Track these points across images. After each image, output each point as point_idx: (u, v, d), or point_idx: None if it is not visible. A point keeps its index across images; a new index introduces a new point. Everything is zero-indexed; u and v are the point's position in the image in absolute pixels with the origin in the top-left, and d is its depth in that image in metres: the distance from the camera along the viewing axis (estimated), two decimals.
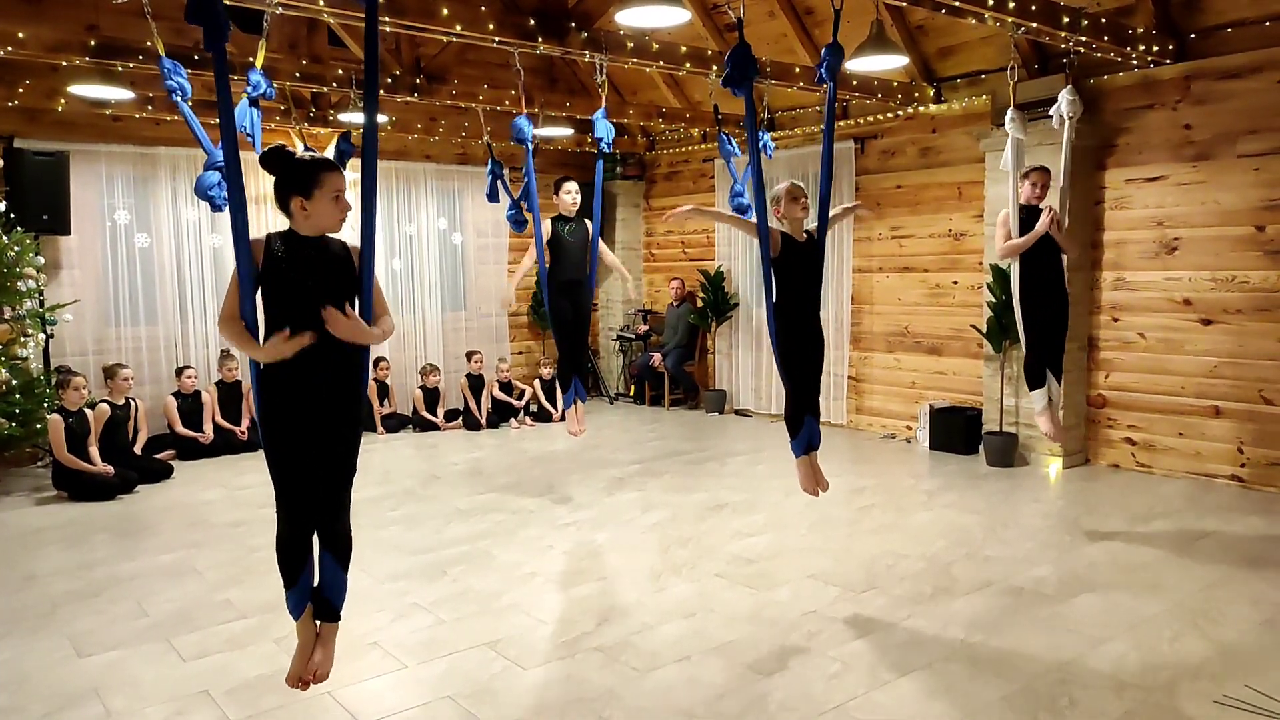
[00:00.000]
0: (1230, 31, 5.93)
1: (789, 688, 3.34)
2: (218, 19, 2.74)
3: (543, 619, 4.04)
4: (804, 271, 4.11)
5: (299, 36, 6.60)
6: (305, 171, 2.73)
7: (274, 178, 2.76)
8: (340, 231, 2.86)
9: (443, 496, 6.28)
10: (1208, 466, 6.26)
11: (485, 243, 10.03)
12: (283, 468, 2.78)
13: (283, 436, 2.77)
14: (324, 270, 2.78)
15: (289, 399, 2.74)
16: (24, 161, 7.05)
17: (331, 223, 2.79)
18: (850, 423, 8.62)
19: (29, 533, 5.54)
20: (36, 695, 3.36)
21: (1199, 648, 3.63)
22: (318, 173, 2.73)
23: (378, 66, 2.80)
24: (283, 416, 2.75)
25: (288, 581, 2.87)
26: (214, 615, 4.12)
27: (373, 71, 2.77)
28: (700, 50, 6.42)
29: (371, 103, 2.77)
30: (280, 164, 2.74)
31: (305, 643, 2.94)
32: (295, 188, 2.72)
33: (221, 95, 2.75)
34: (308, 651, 2.93)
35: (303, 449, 2.78)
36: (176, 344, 8.20)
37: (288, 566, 2.85)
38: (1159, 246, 6.42)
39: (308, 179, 2.72)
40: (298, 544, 2.85)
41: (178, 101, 4.27)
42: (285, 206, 2.75)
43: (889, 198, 8.16)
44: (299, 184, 2.72)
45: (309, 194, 2.72)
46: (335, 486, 2.86)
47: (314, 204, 2.73)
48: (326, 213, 2.76)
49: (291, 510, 2.82)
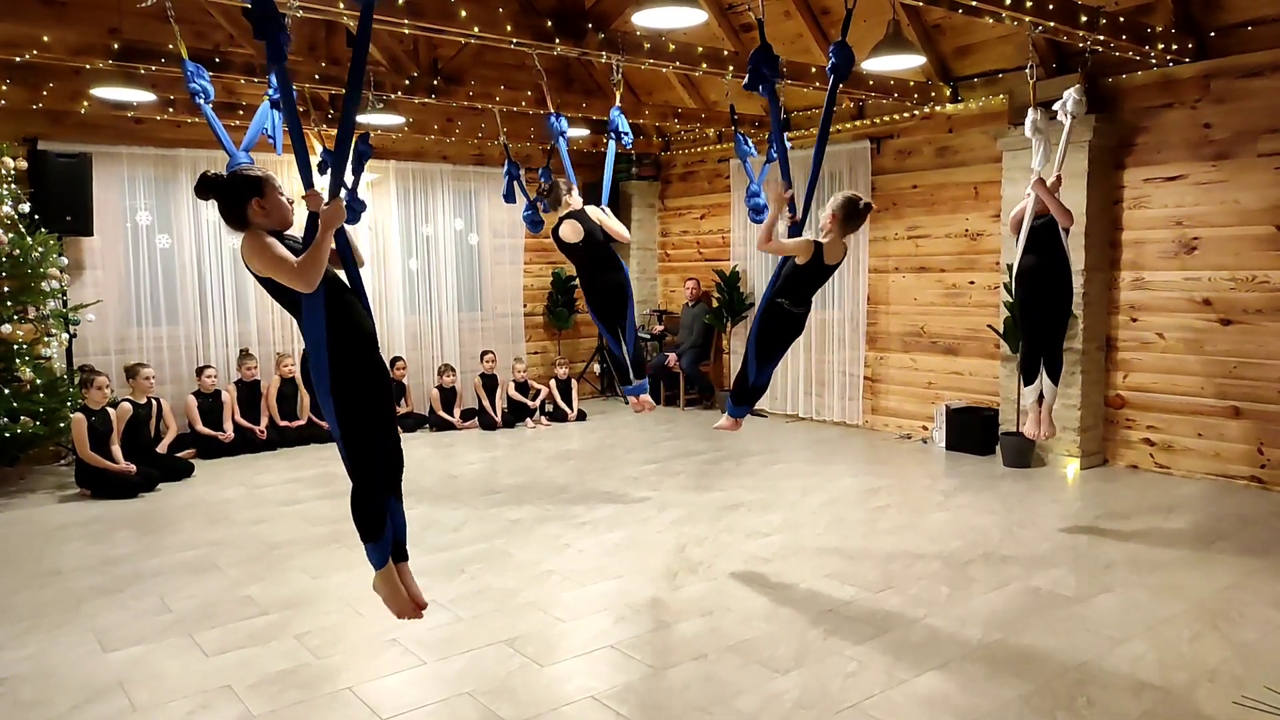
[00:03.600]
0: (1251, 29, 5.89)
1: (805, 686, 3.35)
2: (279, 37, 2.85)
3: (560, 617, 4.06)
4: (814, 283, 4.46)
5: (318, 39, 6.66)
6: (249, 178, 2.95)
7: (220, 198, 2.95)
8: (293, 226, 3.03)
9: (459, 495, 6.32)
10: (1227, 467, 6.22)
11: (501, 243, 10.07)
12: (362, 429, 2.95)
13: (362, 399, 2.94)
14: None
15: (361, 359, 2.94)
16: (48, 163, 7.14)
17: (287, 215, 3.00)
18: (866, 423, 8.60)
19: (53, 529, 5.62)
20: (62, 689, 3.41)
21: (1218, 648, 3.61)
22: (259, 176, 2.96)
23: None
24: (359, 379, 2.93)
25: (375, 535, 3.02)
26: (236, 611, 4.17)
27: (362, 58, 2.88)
28: (716, 51, 6.43)
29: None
30: (222, 183, 2.96)
31: (395, 585, 3.12)
32: (249, 192, 2.92)
33: (287, 103, 2.87)
34: (401, 591, 3.14)
35: (376, 406, 3.00)
36: (197, 344, 8.28)
37: (375, 523, 3.01)
38: (1178, 246, 6.39)
39: (255, 181, 2.94)
40: (378, 498, 3.01)
41: (200, 104, 4.31)
42: (242, 216, 2.92)
43: (905, 198, 8.14)
44: (250, 188, 2.92)
45: (263, 193, 2.93)
46: (397, 435, 3.16)
47: (269, 200, 2.93)
48: (280, 205, 2.97)
49: (373, 468, 2.99)
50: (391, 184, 9.19)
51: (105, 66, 5.73)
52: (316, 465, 7.25)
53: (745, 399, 4.88)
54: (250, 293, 8.50)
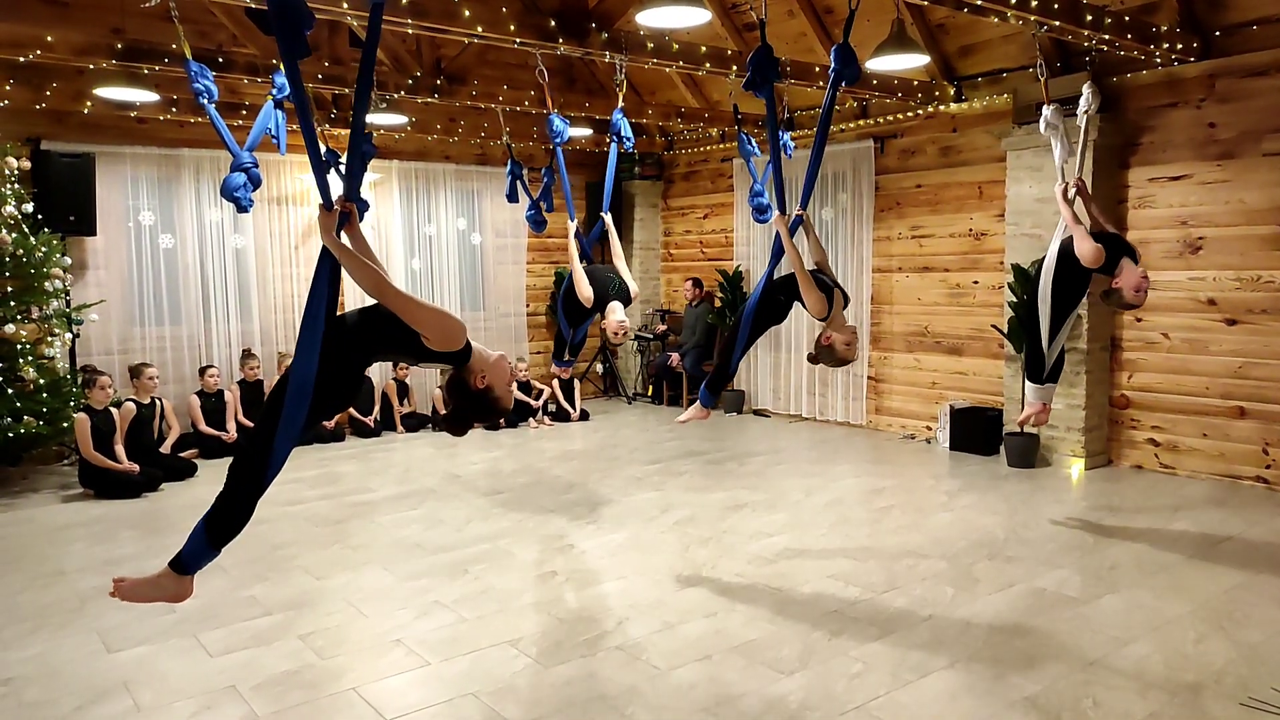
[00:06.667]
0: (1256, 29, 5.87)
1: (810, 687, 3.34)
2: (300, 36, 2.68)
3: (563, 617, 4.06)
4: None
5: (321, 39, 6.64)
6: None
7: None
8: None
9: (463, 495, 6.32)
10: (1233, 468, 6.21)
11: (504, 243, 10.07)
12: (295, 436, 2.74)
13: (325, 408, 2.84)
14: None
15: (348, 376, 2.82)
16: (51, 163, 7.14)
17: None
18: (870, 423, 8.59)
19: (57, 529, 5.62)
20: (67, 689, 3.41)
21: (1223, 650, 3.60)
22: None
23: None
24: (337, 389, 2.79)
25: (227, 541, 2.80)
26: (239, 611, 4.17)
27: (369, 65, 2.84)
28: (720, 50, 6.42)
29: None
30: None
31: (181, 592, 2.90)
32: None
33: (299, 99, 2.78)
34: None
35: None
36: (200, 344, 8.28)
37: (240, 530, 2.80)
38: (1183, 246, 6.37)
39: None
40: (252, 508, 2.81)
41: (204, 104, 4.32)
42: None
43: (909, 197, 8.13)
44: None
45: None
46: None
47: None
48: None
49: (271, 476, 2.76)
50: (394, 184, 9.19)
51: (108, 66, 5.73)
52: (319, 465, 7.25)
53: (719, 389, 4.90)
54: (253, 292, 8.51)
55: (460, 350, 2.77)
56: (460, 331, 2.75)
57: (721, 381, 4.87)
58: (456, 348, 2.76)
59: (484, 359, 2.84)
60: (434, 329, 2.70)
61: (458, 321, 2.75)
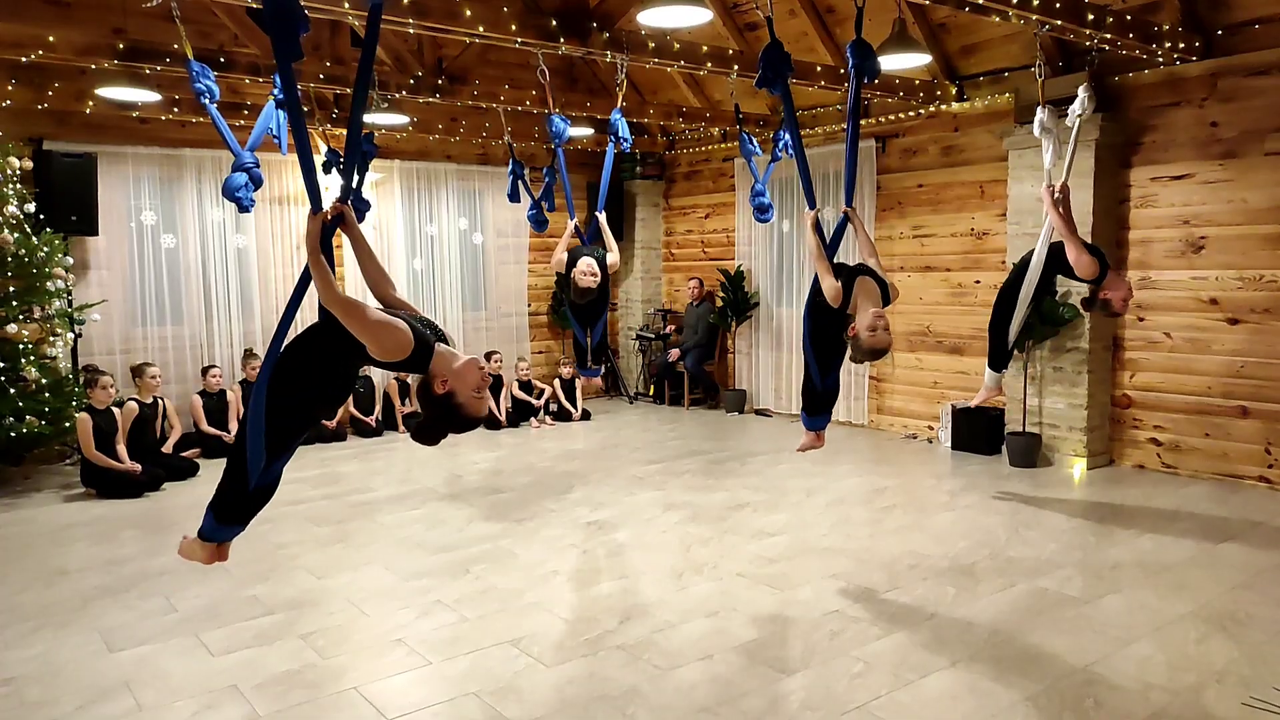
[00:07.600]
0: (1258, 28, 5.86)
1: (811, 687, 3.34)
2: (295, 39, 2.71)
3: (565, 617, 4.06)
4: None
5: (322, 39, 6.65)
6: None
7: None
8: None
9: (464, 495, 6.32)
10: (1235, 467, 6.20)
11: (506, 243, 10.07)
12: (261, 430, 2.86)
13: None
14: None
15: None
16: (53, 163, 7.15)
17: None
18: (871, 423, 8.58)
19: (59, 529, 5.62)
20: (69, 688, 3.41)
21: (1226, 650, 3.59)
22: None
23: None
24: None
25: (242, 521, 3.10)
26: (241, 611, 4.17)
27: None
28: (721, 50, 6.41)
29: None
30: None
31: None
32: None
33: (291, 100, 2.81)
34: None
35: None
36: (202, 343, 8.28)
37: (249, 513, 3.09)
38: (1185, 245, 6.36)
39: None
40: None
41: (206, 104, 4.32)
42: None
43: (910, 197, 8.12)
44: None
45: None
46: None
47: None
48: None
49: (254, 469, 2.93)
50: (396, 183, 9.19)
51: (110, 66, 5.73)
52: (321, 465, 7.25)
53: (817, 408, 4.54)
54: (255, 292, 8.51)
55: (412, 357, 2.75)
56: (403, 342, 2.72)
57: (814, 401, 4.51)
58: (400, 358, 2.74)
59: (446, 363, 2.81)
60: (372, 340, 2.71)
61: (401, 332, 2.71)
